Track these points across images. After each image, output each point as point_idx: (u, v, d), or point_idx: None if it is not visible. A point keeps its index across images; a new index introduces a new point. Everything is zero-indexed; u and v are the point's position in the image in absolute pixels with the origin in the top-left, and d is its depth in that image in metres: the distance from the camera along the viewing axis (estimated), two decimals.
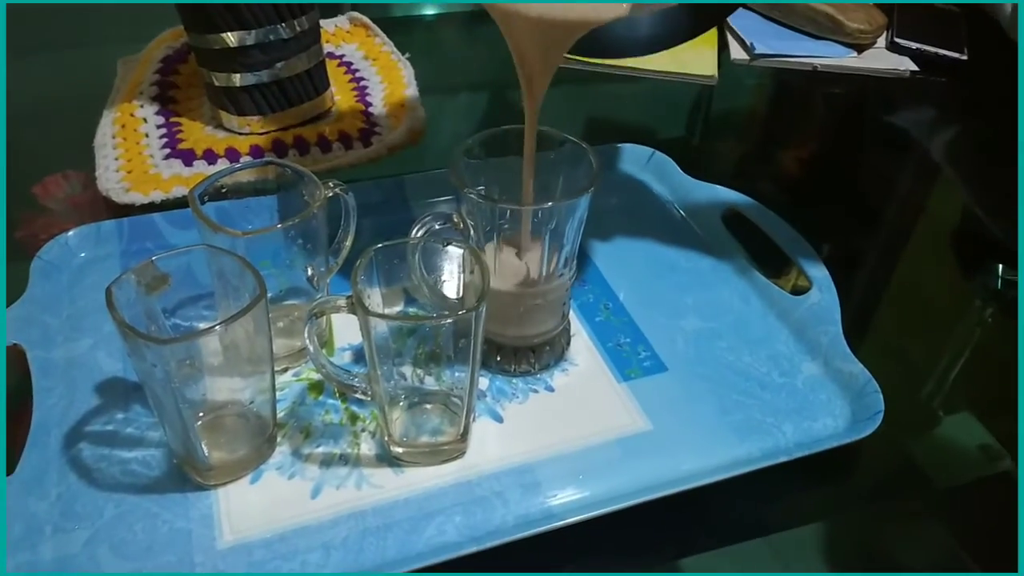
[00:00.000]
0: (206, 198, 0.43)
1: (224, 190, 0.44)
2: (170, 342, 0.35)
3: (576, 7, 0.36)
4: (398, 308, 0.46)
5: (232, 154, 0.60)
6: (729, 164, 0.73)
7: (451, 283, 0.43)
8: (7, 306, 0.47)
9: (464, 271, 0.42)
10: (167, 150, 0.60)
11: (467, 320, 0.37)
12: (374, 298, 0.40)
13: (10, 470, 0.40)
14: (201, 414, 0.40)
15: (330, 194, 0.44)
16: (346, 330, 0.48)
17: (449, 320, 0.38)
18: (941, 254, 0.64)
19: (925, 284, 0.60)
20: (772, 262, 0.55)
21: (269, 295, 0.37)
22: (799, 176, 0.71)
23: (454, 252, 0.42)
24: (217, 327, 0.35)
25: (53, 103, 0.70)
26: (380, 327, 0.37)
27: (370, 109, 0.66)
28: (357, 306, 0.37)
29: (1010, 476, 0.45)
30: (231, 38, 0.58)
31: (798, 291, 0.52)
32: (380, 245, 0.40)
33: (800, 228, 0.55)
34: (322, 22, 0.64)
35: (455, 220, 0.42)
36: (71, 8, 0.84)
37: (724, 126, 0.79)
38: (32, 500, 0.39)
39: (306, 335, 0.39)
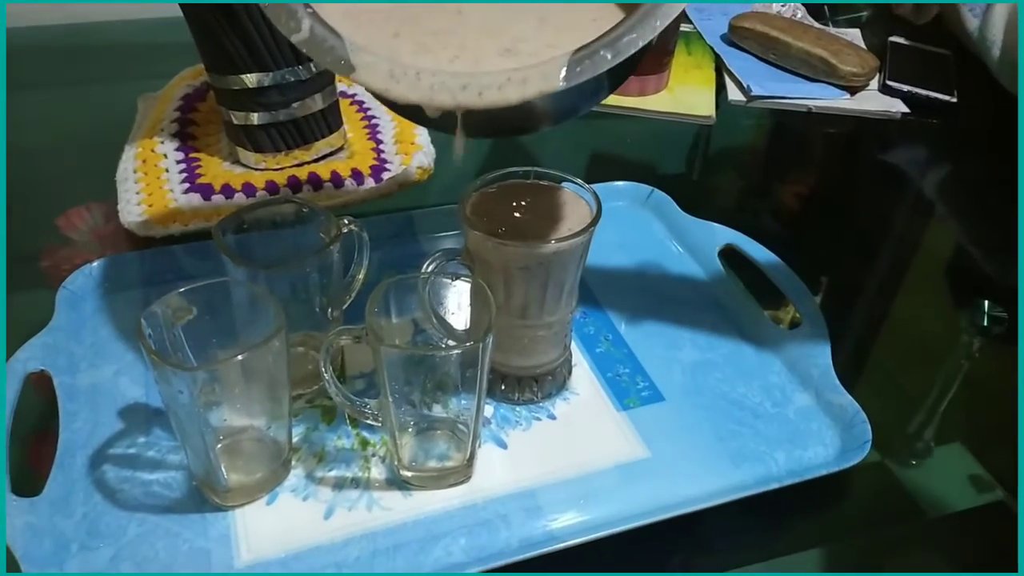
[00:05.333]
0: (227, 232, 0.45)
1: (244, 225, 0.47)
2: (196, 369, 0.38)
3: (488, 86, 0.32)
4: (408, 339, 0.48)
5: (249, 189, 0.62)
6: (726, 201, 0.75)
7: (459, 315, 0.45)
8: (34, 334, 0.49)
9: (471, 304, 0.44)
10: (186, 184, 0.63)
11: (474, 351, 0.39)
12: (386, 329, 0.42)
13: (38, 490, 0.41)
14: (221, 438, 0.42)
15: (345, 231, 0.46)
16: (358, 359, 0.50)
17: (457, 351, 0.41)
18: (931, 290, 0.66)
19: (916, 319, 0.62)
20: (766, 297, 0.57)
21: None
22: (794, 214, 0.74)
23: (462, 286, 0.44)
24: (240, 356, 0.37)
25: (76, 138, 0.73)
26: (392, 357, 0.39)
27: (381, 146, 0.68)
28: (371, 337, 0.39)
29: (1003, 505, 0.46)
30: (250, 79, 0.60)
31: (795, 324, 0.54)
32: (393, 279, 0.42)
33: (795, 263, 0.58)
34: None
35: (463, 256, 0.45)
36: (95, 47, 0.87)
37: (721, 165, 0.81)
38: (59, 519, 0.41)
39: (322, 364, 0.41)
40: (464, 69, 0.33)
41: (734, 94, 0.84)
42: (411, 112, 0.34)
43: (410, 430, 0.44)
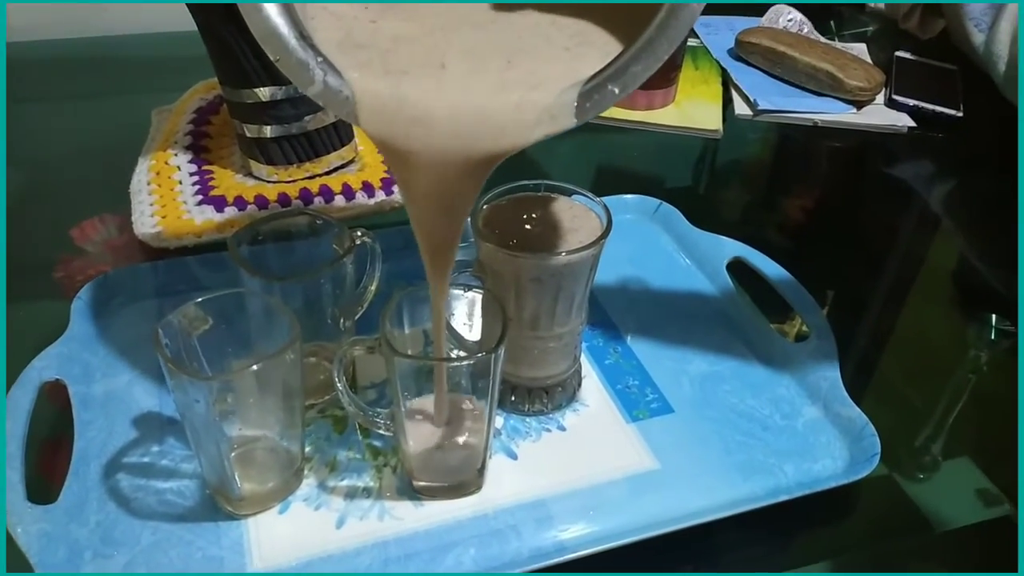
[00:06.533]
0: (242, 244, 0.46)
1: (259, 236, 0.47)
2: (213, 379, 0.38)
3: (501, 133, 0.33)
4: (420, 349, 0.48)
5: (261, 201, 0.63)
6: (733, 214, 0.75)
7: (471, 326, 0.45)
8: (49, 344, 0.50)
9: (483, 315, 0.44)
10: (199, 196, 0.64)
11: (486, 362, 0.40)
12: (399, 339, 0.43)
13: (53, 498, 0.42)
14: (235, 447, 0.43)
15: (358, 242, 0.47)
16: (369, 369, 0.51)
17: (469, 362, 0.41)
18: (939, 303, 0.66)
19: (923, 332, 0.62)
20: (774, 309, 0.57)
21: None
22: (801, 227, 0.74)
23: (474, 297, 0.44)
24: (255, 366, 0.38)
25: (91, 150, 0.74)
26: (405, 367, 0.40)
27: None
28: (385, 347, 0.39)
29: (1010, 519, 0.46)
30: (263, 93, 0.61)
31: (802, 338, 0.55)
32: (406, 291, 0.42)
33: (802, 276, 0.58)
34: None
35: (475, 267, 0.45)
36: (111, 60, 0.88)
37: (729, 178, 0.82)
38: (74, 526, 0.41)
39: (335, 374, 0.42)
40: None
41: (741, 108, 0.85)
42: None
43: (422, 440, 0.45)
